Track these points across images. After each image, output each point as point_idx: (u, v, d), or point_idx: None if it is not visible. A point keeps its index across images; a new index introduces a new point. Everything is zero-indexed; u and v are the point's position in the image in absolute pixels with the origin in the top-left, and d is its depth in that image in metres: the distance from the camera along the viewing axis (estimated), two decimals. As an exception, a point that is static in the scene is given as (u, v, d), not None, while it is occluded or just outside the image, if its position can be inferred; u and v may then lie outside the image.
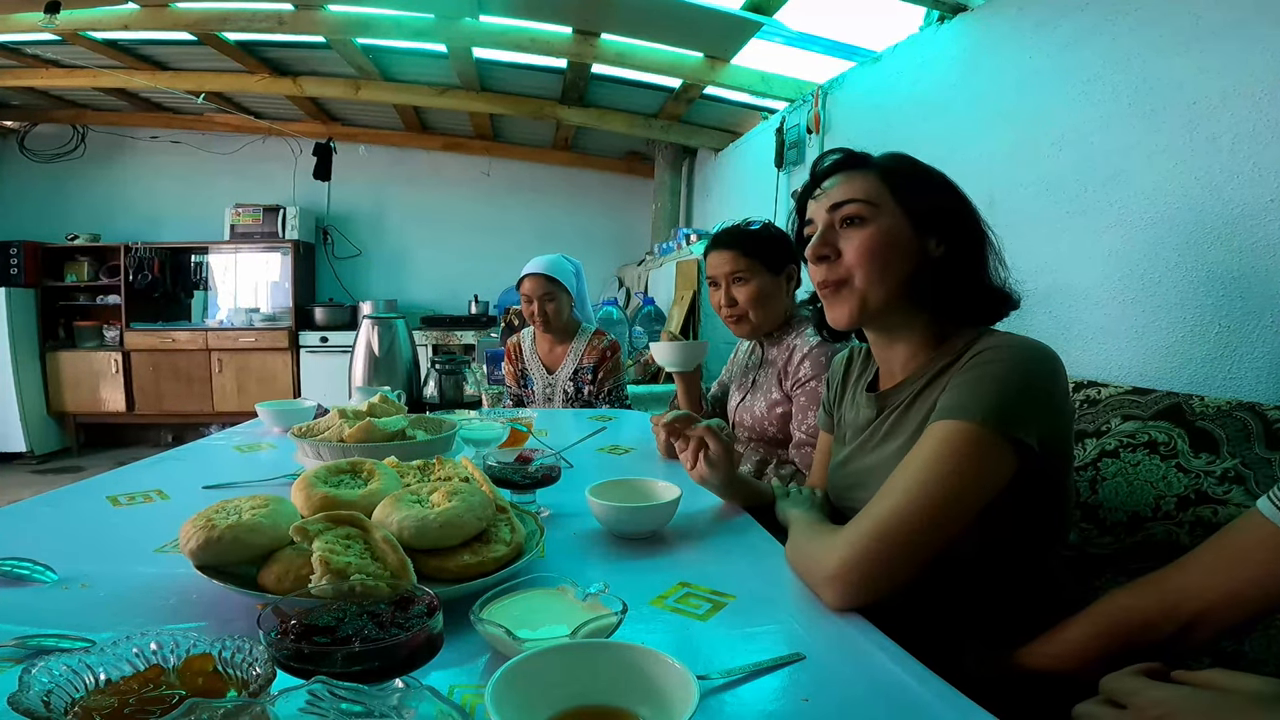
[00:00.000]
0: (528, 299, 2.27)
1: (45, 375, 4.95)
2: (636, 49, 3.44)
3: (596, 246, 5.65)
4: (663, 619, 0.69)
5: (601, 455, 1.48)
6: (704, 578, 0.79)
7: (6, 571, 0.77)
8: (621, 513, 0.92)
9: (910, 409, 0.90)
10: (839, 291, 0.90)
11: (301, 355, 5.15)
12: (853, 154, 0.95)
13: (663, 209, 5.05)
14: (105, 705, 0.40)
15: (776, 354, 1.53)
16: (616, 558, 0.88)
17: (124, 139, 5.38)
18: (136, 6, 3.11)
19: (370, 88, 4.30)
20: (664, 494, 0.99)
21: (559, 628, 0.56)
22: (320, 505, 0.80)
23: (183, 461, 1.44)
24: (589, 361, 2.31)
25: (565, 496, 1.07)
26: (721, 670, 0.57)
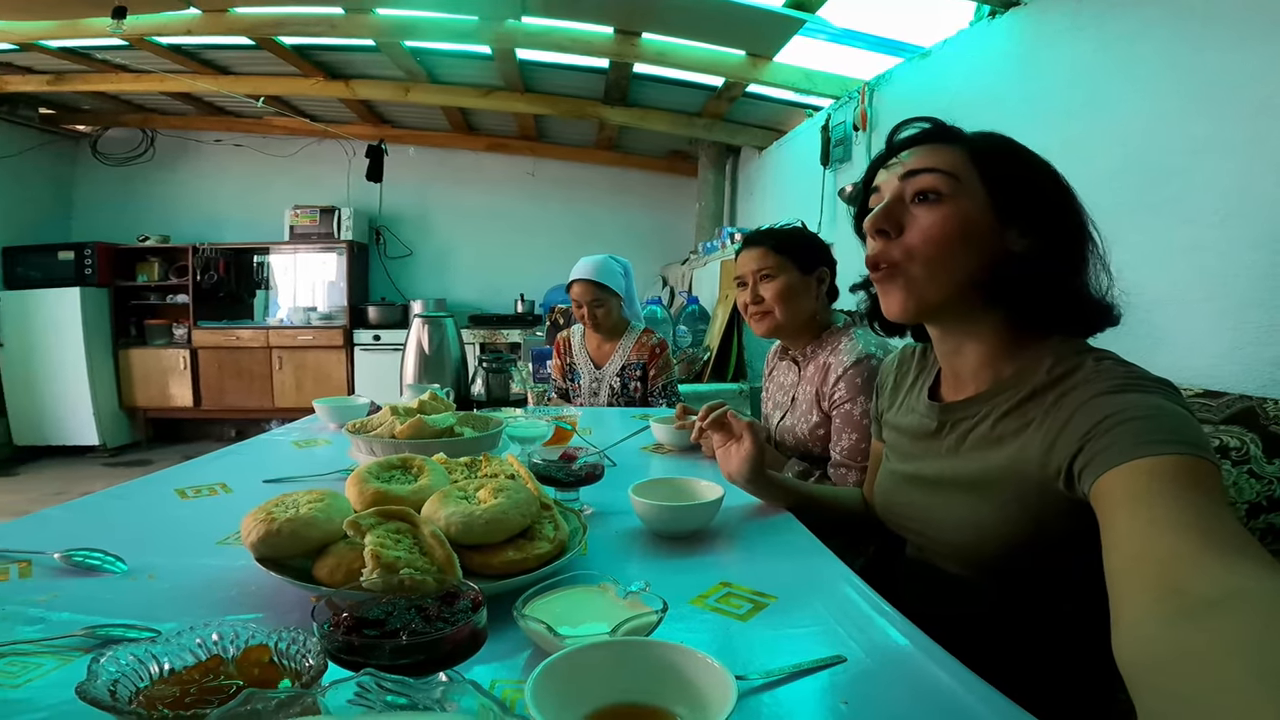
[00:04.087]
0: (577, 303, 2.31)
1: (117, 372, 5.21)
2: (678, 48, 3.44)
3: (640, 245, 5.68)
4: (703, 618, 0.69)
5: (645, 455, 1.48)
6: (745, 577, 0.78)
7: (79, 562, 0.81)
8: (663, 512, 0.92)
9: (995, 428, 0.79)
10: (892, 276, 0.79)
11: (355, 353, 5.31)
12: (942, 125, 0.84)
13: (706, 208, 5.04)
14: (168, 694, 0.42)
15: (813, 371, 1.50)
16: (658, 556, 0.88)
17: (190, 142, 5.62)
18: (198, 12, 3.26)
19: (418, 90, 4.40)
20: (706, 493, 0.99)
21: (599, 625, 0.57)
22: (372, 500, 0.83)
23: (244, 456, 1.50)
24: (637, 358, 2.34)
25: (609, 495, 1.08)
26: (760, 671, 0.56)
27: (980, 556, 0.81)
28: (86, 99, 4.89)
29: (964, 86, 2.44)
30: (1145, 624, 0.46)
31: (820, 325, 1.54)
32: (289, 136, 5.54)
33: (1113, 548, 0.55)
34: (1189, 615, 0.44)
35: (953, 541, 0.84)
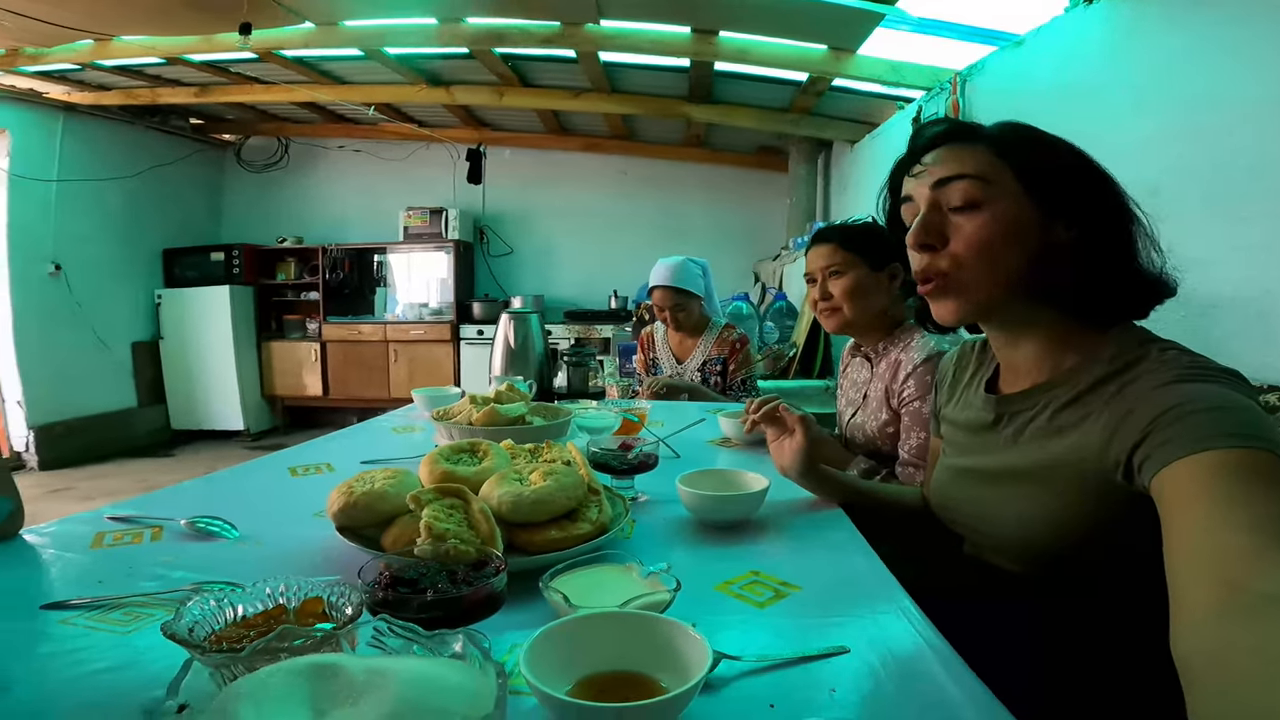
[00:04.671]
0: (659, 307, 2.37)
1: (260, 363, 5.77)
2: (757, 44, 3.44)
3: (731, 241, 5.68)
4: (722, 603, 0.72)
5: (712, 448, 1.51)
6: (775, 568, 0.80)
7: (200, 528, 0.94)
8: (706, 500, 0.95)
9: (1054, 419, 0.77)
10: (945, 287, 0.78)
11: (461, 346, 5.63)
12: (959, 123, 0.83)
13: (798, 203, 4.97)
14: (236, 635, 0.50)
15: (884, 368, 1.48)
16: (699, 543, 0.92)
17: (317, 149, 6.12)
18: (313, 25, 3.56)
19: (512, 94, 4.61)
20: (752, 484, 1.01)
21: (614, 600, 0.61)
22: (439, 479, 0.91)
23: (350, 440, 1.66)
24: (717, 354, 2.37)
25: (667, 484, 1.12)
26: (757, 655, 0.59)
27: (1036, 550, 0.79)
28: (229, 109, 5.42)
29: (1058, 76, 2.34)
30: (1204, 619, 0.46)
31: (892, 321, 1.51)
32: (400, 141, 5.92)
33: (1174, 542, 0.54)
34: (1249, 612, 0.43)
35: (1009, 536, 0.83)
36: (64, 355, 4.79)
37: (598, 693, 0.47)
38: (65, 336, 4.80)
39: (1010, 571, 0.84)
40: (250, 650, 0.43)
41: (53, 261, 4.72)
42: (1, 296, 4.48)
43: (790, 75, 3.81)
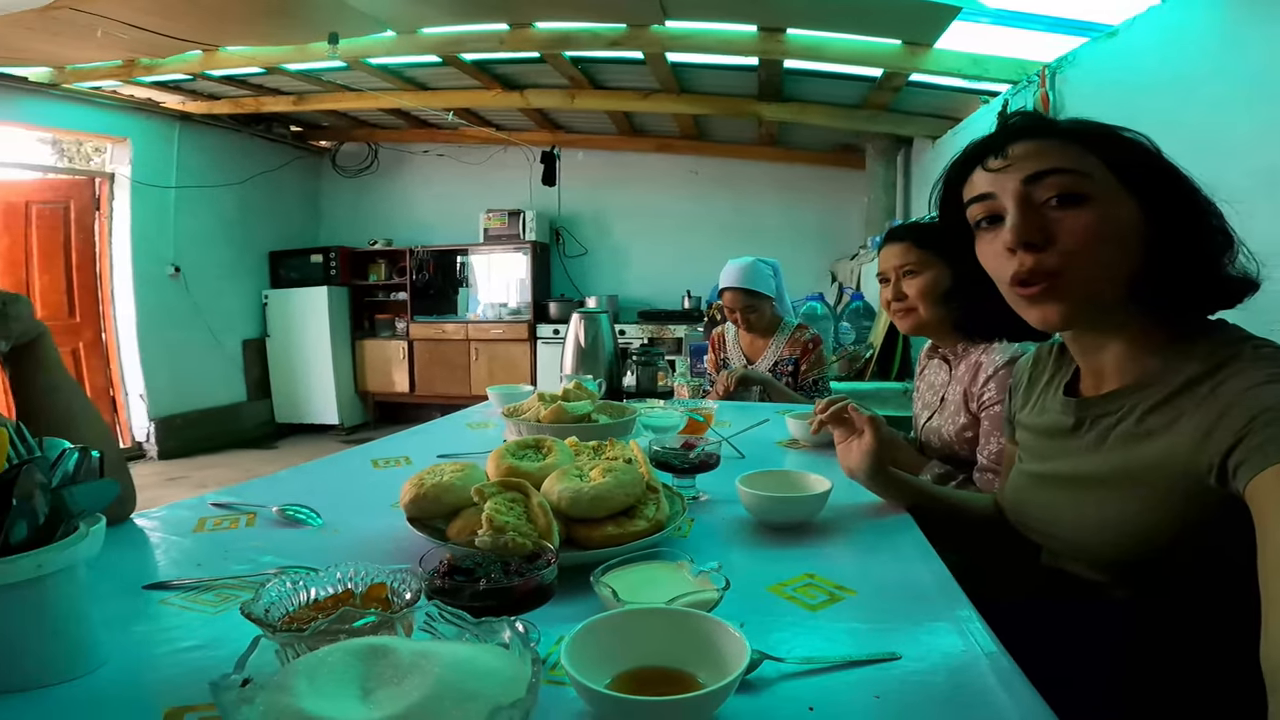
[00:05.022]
0: (729, 309, 2.36)
1: (354, 360, 6.09)
2: (827, 41, 3.38)
3: (806, 240, 5.59)
4: (774, 604, 0.72)
5: (779, 449, 1.50)
6: (832, 571, 0.79)
7: (289, 515, 1.01)
8: (764, 501, 0.95)
9: (1141, 422, 0.74)
10: (1054, 288, 0.72)
11: (537, 345, 5.76)
12: (1038, 116, 0.78)
13: (876, 201, 4.83)
14: (306, 617, 0.54)
15: (964, 370, 1.42)
16: (756, 544, 0.91)
17: (404, 154, 6.39)
18: (393, 34, 3.73)
19: (583, 96, 4.69)
20: (814, 486, 1.00)
21: (662, 597, 0.62)
22: (504, 473, 0.94)
23: (428, 435, 1.74)
24: (789, 354, 2.35)
25: (729, 484, 1.12)
26: (802, 657, 0.58)
27: (1119, 557, 0.76)
28: (324, 116, 5.73)
29: (1160, 67, 2.22)
30: None
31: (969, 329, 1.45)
32: (479, 145, 6.11)
33: (1269, 550, 0.52)
34: None
35: (1089, 543, 0.79)
36: (182, 352, 5.20)
37: (637, 686, 0.48)
38: (184, 334, 5.21)
39: (1090, 580, 0.80)
40: (312, 630, 0.46)
41: (173, 264, 5.13)
42: (127, 297, 4.90)
43: (863, 71, 3.72)
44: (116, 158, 4.89)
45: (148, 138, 4.95)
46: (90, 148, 5.64)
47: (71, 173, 5.06)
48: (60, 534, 0.55)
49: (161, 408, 5.05)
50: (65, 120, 4.53)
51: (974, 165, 0.79)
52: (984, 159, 0.78)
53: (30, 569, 0.53)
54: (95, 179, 4.87)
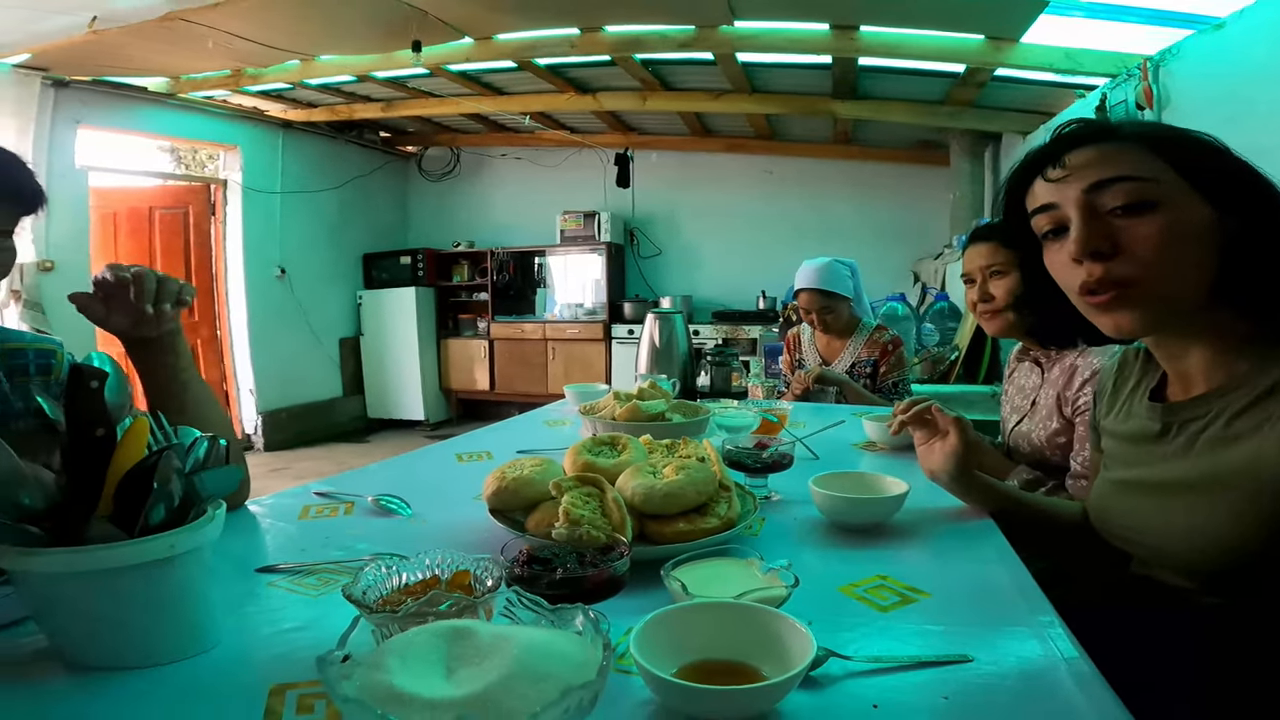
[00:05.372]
0: (805, 310, 2.33)
1: (439, 359, 6.36)
2: (904, 38, 3.29)
3: (885, 239, 5.44)
4: (843, 604, 0.72)
5: (856, 451, 1.48)
6: (906, 573, 0.78)
7: (383, 505, 1.07)
8: (837, 501, 0.94)
9: (1229, 426, 0.72)
10: (1125, 296, 0.72)
11: (612, 345, 5.85)
12: (1097, 122, 0.77)
13: (962, 199, 4.65)
14: (397, 600, 0.59)
15: (1058, 374, 1.36)
16: (827, 544, 0.91)
17: (484, 157, 6.60)
18: (471, 40, 3.86)
19: (655, 98, 4.72)
20: (890, 489, 0.98)
21: (729, 592, 0.63)
22: (580, 469, 0.98)
23: (508, 431, 1.80)
24: (867, 356, 2.30)
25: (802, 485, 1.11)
26: (869, 656, 0.58)
27: (1208, 565, 0.74)
28: (410, 122, 5.98)
29: (1268, 60, 2.10)
30: None
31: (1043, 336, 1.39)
32: (555, 148, 6.24)
33: None
34: None
35: (1177, 550, 0.77)
36: (287, 350, 5.56)
37: (702, 677, 0.50)
38: (288, 333, 5.57)
39: (1180, 587, 0.78)
40: (404, 612, 0.51)
41: (279, 265, 5.50)
42: (239, 297, 5.29)
43: (944, 67, 3.60)
44: (228, 164, 5.28)
45: (255, 145, 5.31)
46: (204, 155, 6.10)
47: (188, 179, 5.51)
48: (191, 517, 0.60)
49: (268, 402, 5.42)
50: (181, 129, 4.92)
51: (1034, 175, 0.79)
52: (1043, 169, 0.77)
53: (164, 549, 0.57)
54: (210, 185, 5.28)
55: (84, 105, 4.18)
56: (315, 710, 0.53)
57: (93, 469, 0.55)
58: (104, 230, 4.74)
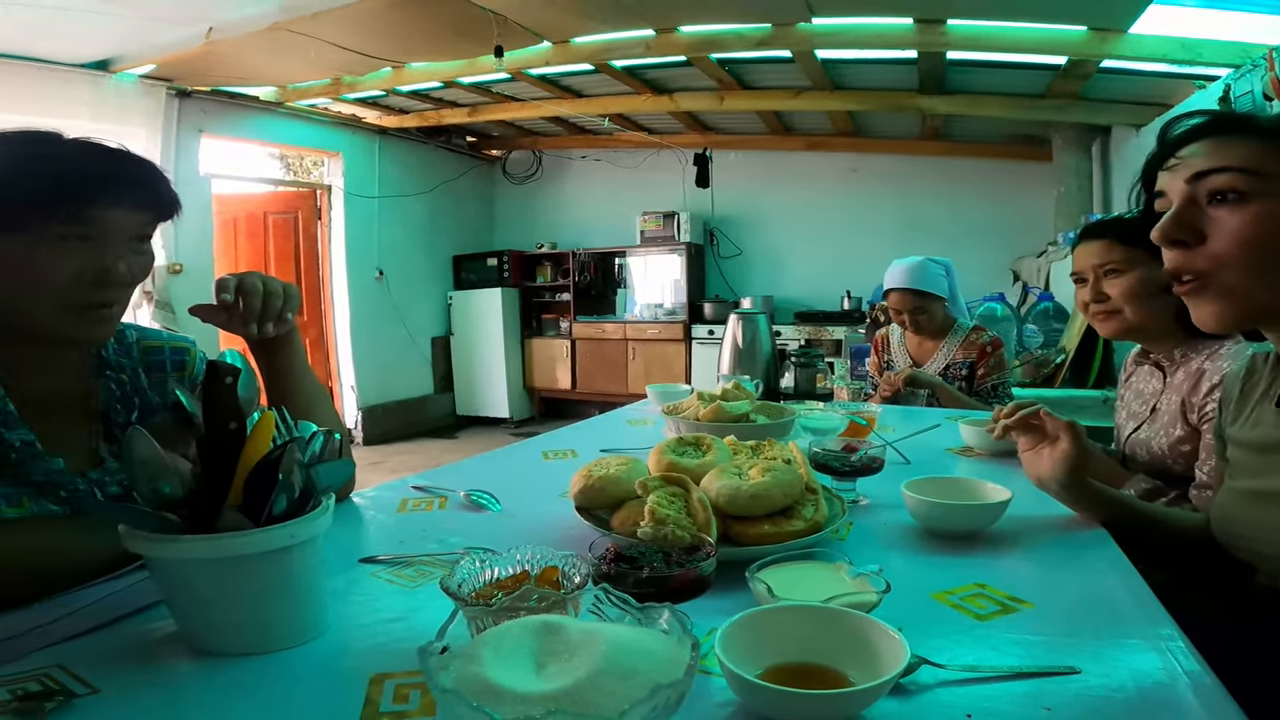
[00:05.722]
0: (896, 311, 2.26)
1: (523, 358, 6.53)
2: (996, 30, 3.15)
3: (979, 238, 5.19)
4: (937, 611, 0.69)
5: (950, 456, 1.42)
6: (1006, 582, 0.75)
7: (474, 500, 1.11)
8: (934, 508, 0.91)
9: None
10: (1202, 288, 0.73)
11: (692, 345, 5.84)
12: (1225, 114, 0.76)
13: (1068, 194, 4.39)
14: (490, 593, 0.61)
15: (1182, 378, 1.26)
16: (919, 551, 0.88)
17: (564, 160, 6.73)
18: (549, 44, 3.94)
19: (732, 97, 4.67)
20: (990, 495, 0.94)
21: (817, 595, 0.62)
22: (665, 469, 0.98)
23: (592, 429, 1.84)
24: (963, 358, 2.21)
25: (892, 489, 1.08)
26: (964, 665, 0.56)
27: None
28: (494, 126, 6.16)
29: None
30: None
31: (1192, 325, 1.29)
32: (634, 150, 6.29)
33: None
34: None
35: None
36: (384, 348, 5.86)
37: (786, 680, 0.50)
38: (385, 332, 5.87)
39: None
40: (498, 606, 0.53)
41: (377, 268, 5.80)
42: (342, 297, 5.61)
43: (1043, 60, 3.43)
44: (332, 171, 5.61)
45: (355, 151, 5.61)
46: (310, 161, 6.51)
47: (296, 185, 5.89)
48: (309, 508, 0.63)
49: (367, 398, 5.72)
50: (289, 136, 5.27)
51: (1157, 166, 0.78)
52: (1163, 161, 0.77)
53: (284, 538, 0.60)
54: (316, 190, 5.62)
55: (205, 114, 4.54)
56: (410, 700, 0.55)
57: (225, 460, 0.60)
58: (225, 235, 5.14)
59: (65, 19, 3.17)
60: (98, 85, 3.93)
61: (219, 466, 0.60)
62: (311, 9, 3.21)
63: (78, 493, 0.82)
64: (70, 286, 0.77)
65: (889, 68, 3.98)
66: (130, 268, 0.81)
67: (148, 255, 0.85)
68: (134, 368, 0.96)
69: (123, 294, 0.83)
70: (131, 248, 0.82)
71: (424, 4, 3.26)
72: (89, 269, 0.77)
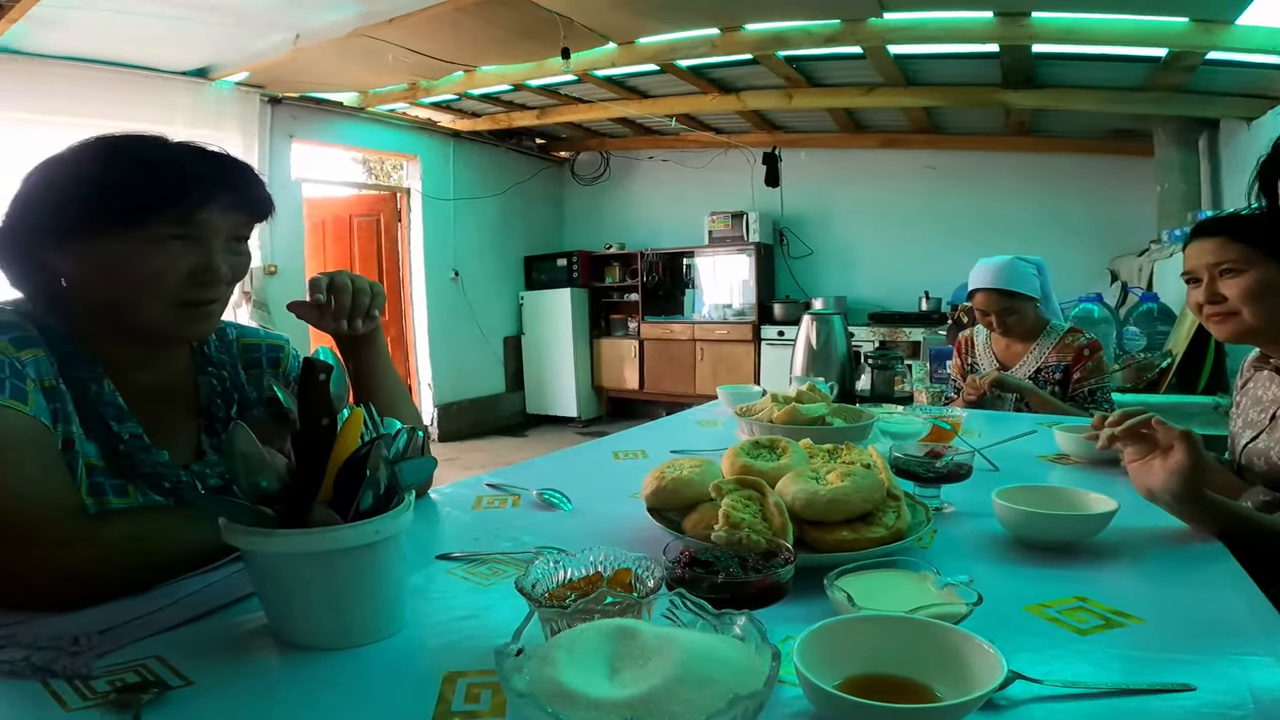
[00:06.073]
0: (982, 312, 2.16)
1: (591, 358, 6.60)
2: (1085, 23, 2.98)
3: (1072, 236, 4.93)
4: (1031, 624, 0.66)
5: (1043, 464, 1.35)
6: (1110, 596, 0.71)
7: (546, 499, 1.12)
8: (1031, 518, 0.86)
9: None
10: None
11: (761, 347, 5.76)
12: None
13: (1171, 191, 4.12)
14: (562, 594, 0.61)
15: None
16: (1010, 561, 0.84)
17: (631, 161, 6.75)
18: (614, 46, 3.96)
19: (801, 95, 4.58)
20: (1091, 505, 0.89)
21: (901, 605, 0.59)
22: (739, 472, 0.96)
23: (662, 430, 1.83)
24: (1056, 360, 2.09)
25: (979, 497, 1.03)
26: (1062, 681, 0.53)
27: None
28: (562, 128, 6.23)
29: None
30: None
31: None
32: (701, 150, 6.25)
33: None
34: None
35: None
36: (459, 347, 6.03)
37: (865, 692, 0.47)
38: (460, 331, 6.04)
39: None
40: (573, 608, 0.52)
41: (453, 269, 5.98)
42: (420, 297, 5.81)
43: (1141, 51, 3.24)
44: (410, 174, 5.82)
45: (431, 154, 5.80)
46: (390, 165, 6.77)
47: (378, 188, 6.13)
48: (393, 504, 0.63)
49: (443, 395, 5.90)
50: (370, 140, 5.49)
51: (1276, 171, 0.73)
52: None
53: (370, 534, 0.60)
54: (396, 193, 5.84)
55: (294, 120, 4.78)
56: (481, 700, 0.55)
57: (316, 456, 0.61)
58: (314, 237, 5.40)
59: (170, 28, 3.39)
60: (198, 92, 4.18)
61: (311, 462, 0.61)
62: (387, 15, 3.34)
63: (180, 484, 0.86)
64: (179, 284, 0.81)
65: (968, 62, 3.82)
66: (231, 266, 0.85)
67: (245, 255, 0.89)
68: (233, 364, 1.01)
69: (224, 292, 0.87)
70: (230, 247, 0.85)
71: (492, 8, 3.33)
72: (195, 267, 0.81)
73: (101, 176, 0.78)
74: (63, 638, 0.61)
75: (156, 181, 0.78)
